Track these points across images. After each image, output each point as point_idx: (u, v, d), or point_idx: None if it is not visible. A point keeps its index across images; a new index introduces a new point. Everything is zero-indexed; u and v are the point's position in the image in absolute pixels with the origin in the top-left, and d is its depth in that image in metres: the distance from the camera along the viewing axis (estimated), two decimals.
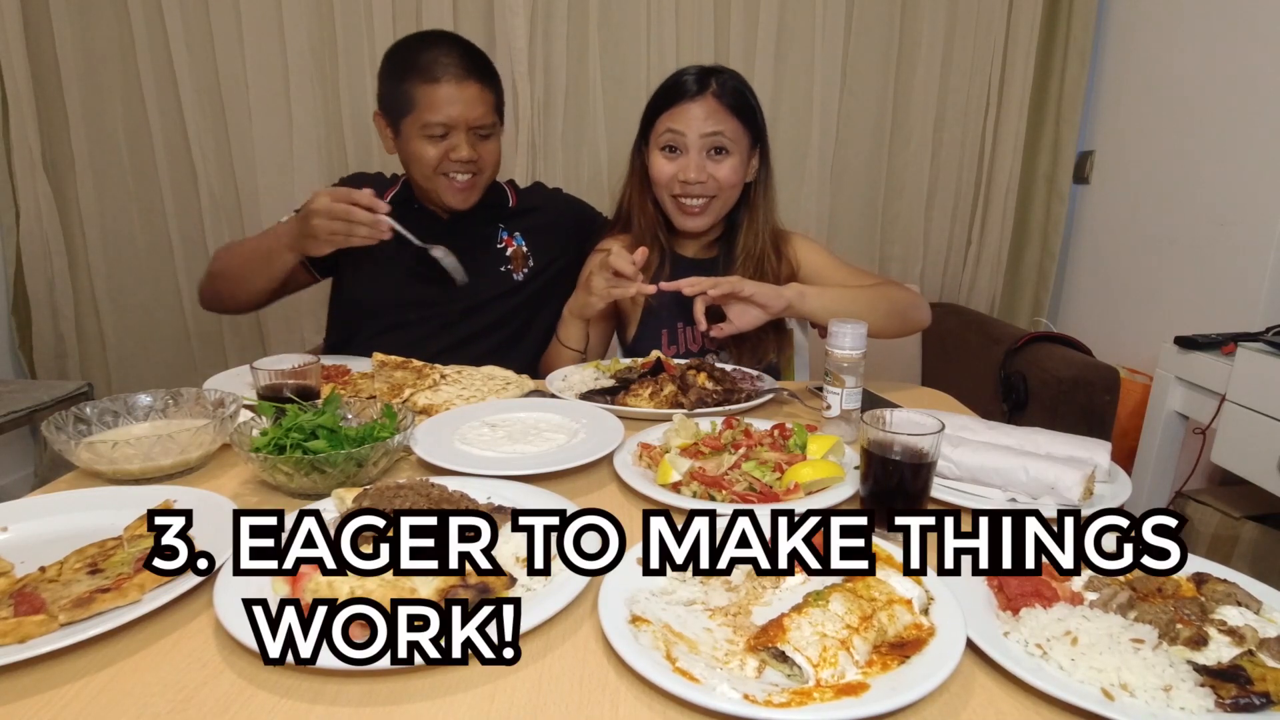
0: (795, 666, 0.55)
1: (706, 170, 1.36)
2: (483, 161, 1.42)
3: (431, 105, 1.35)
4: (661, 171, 1.38)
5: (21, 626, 0.57)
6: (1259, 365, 1.49)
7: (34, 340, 2.25)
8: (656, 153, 1.39)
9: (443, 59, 1.36)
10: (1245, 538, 1.66)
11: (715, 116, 1.34)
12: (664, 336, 1.47)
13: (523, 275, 1.53)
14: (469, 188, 1.44)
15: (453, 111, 1.36)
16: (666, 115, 1.36)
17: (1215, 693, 0.53)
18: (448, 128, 1.37)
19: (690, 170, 1.35)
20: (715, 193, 1.38)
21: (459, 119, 1.36)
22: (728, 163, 1.37)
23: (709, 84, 1.35)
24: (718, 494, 0.85)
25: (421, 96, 1.36)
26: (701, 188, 1.36)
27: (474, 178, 1.43)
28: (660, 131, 1.37)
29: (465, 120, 1.37)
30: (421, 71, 1.36)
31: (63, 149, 2.17)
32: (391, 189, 1.54)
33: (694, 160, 1.35)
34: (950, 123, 2.42)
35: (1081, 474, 0.82)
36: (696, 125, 1.34)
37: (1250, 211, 1.87)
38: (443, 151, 1.38)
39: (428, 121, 1.36)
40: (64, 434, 0.91)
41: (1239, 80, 1.91)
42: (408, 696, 0.55)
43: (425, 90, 1.35)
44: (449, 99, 1.35)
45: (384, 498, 0.74)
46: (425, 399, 1.16)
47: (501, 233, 1.55)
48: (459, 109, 1.36)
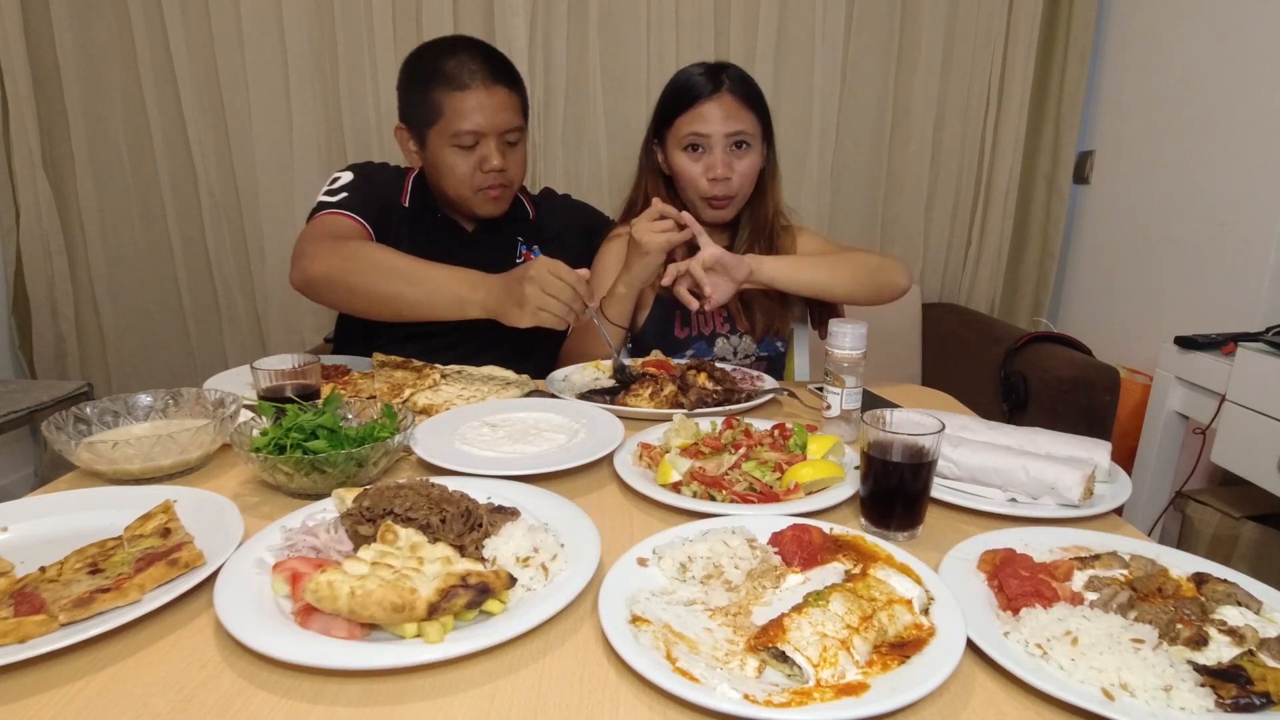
0: (795, 666, 0.55)
1: (732, 166, 1.38)
2: (512, 170, 1.40)
3: (460, 113, 1.32)
4: (688, 171, 1.40)
5: (21, 626, 0.57)
6: (1259, 365, 1.49)
7: (34, 340, 2.25)
8: (680, 153, 1.40)
9: (469, 65, 1.33)
10: (1245, 538, 1.66)
11: (735, 113, 1.37)
12: (676, 318, 1.48)
13: None
14: (501, 197, 1.42)
15: (482, 119, 1.33)
16: (687, 116, 1.38)
17: (1215, 693, 0.53)
18: (478, 136, 1.34)
19: (718, 168, 1.37)
20: (740, 188, 1.41)
21: (489, 126, 1.34)
22: (749, 157, 1.40)
23: (723, 80, 1.37)
24: (718, 494, 0.85)
25: (449, 104, 1.32)
26: (728, 185, 1.39)
27: (505, 188, 1.41)
28: (682, 133, 1.39)
29: (495, 127, 1.34)
30: (448, 79, 1.32)
31: (63, 149, 2.17)
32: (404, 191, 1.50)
33: (720, 158, 1.37)
34: (950, 123, 2.41)
35: (1081, 474, 0.82)
36: (719, 125, 1.36)
37: (1250, 211, 1.87)
38: (474, 163, 1.36)
39: (458, 130, 1.33)
40: (64, 434, 0.91)
41: (1239, 80, 1.91)
42: (408, 696, 0.55)
43: (453, 98, 1.32)
44: (478, 106, 1.32)
45: (384, 498, 0.73)
46: (425, 399, 1.16)
47: (521, 246, 1.54)
48: (489, 116, 1.33)
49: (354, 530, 0.71)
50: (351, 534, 0.71)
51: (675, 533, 0.75)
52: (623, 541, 0.75)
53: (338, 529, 0.73)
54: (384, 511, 0.72)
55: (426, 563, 0.64)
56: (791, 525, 0.74)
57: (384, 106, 2.19)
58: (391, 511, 0.71)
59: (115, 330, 2.31)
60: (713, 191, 1.39)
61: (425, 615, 0.58)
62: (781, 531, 0.74)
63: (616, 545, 0.74)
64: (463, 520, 0.72)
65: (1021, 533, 0.77)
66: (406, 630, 0.59)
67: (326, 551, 0.70)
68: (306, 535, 0.72)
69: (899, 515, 0.78)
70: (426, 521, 0.71)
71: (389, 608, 0.58)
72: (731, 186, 1.40)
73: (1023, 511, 0.82)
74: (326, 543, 0.71)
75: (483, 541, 0.71)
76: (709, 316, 1.48)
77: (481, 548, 0.70)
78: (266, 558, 0.70)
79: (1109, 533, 0.78)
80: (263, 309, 2.33)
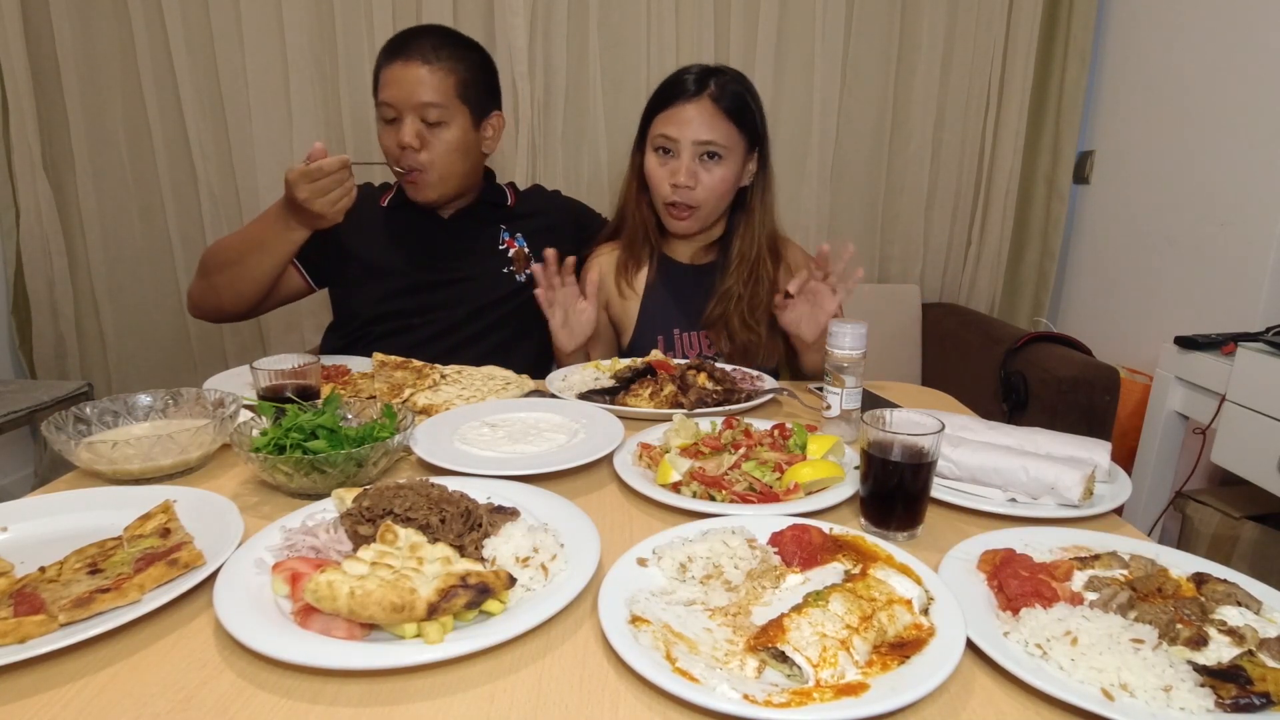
0: (795, 667, 0.55)
1: (697, 175, 1.34)
2: (432, 153, 1.36)
3: (383, 85, 1.33)
4: (653, 173, 1.37)
5: (21, 626, 0.57)
6: (1259, 365, 1.49)
7: (34, 340, 2.25)
8: (650, 154, 1.38)
9: (411, 41, 1.33)
10: (1245, 538, 1.66)
11: (709, 122, 1.32)
12: (660, 342, 1.47)
13: (525, 276, 1.53)
14: (416, 182, 1.38)
15: (396, 92, 1.32)
16: (661, 117, 1.35)
17: (1215, 693, 0.53)
18: (396, 110, 1.33)
19: (681, 174, 1.33)
20: (704, 201, 1.36)
21: (404, 100, 1.32)
22: (718, 170, 1.35)
23: (707, 85, 1.32)
24: (718, 494, 0.85)
25: (381, 78, 1.34)
26: (689, 193, 1.35)
27: (419, 172, 1.37)
28: (654, 133, 1.36)
29: (410, 102, 1.32)
30: (386, 51, 1.34)
31: (63, 149, 2.17)
32: (387, 194, 1.53)
33: (685, 164, 1.33)
34: (950, 123, 2.41)
35: (1081, 474, 0.82)
36: (689, 130, 1.32)
37: (1250, 211, 1.87)
38: (393, 139, 1.35)
39: (379, 101, 1.34)
40: (64, 434, 0.91)
41: (1239, 80, 1.91)
42: (408, 696, 0.55)
43: (382, 72, 1.34)
44: (397, 79, 1.32)
45: (384, 498, 0.74)
46: (425, 399, 1.16)
47: (504, 234, 1.54)
48: (404, 90, 1.32)
49: (354, 530, 0.71)
50: (351, 534, 0.71)
51: (675, 533, 0.75)
52: (623, 541, 0.75)
53: (337, 529, 0.73)
54: (384, 511, 0.72)
55: (426, 563, 0.64)
56: (791, 525, 0.74)
57: None
58: (391, 511, 0.71)
59: (115, 330, 2.31)
60: (672, 198, 1.36)
61: (425, 615, 0.58)
62: (781, 531, 0.74)
63: (616, 545, 0.74)
64: (462, 520, 0.72)
65: (1021, 533, 0.77)
66: (406, 630, 0.59)
67: (326, 551, 0.70)
68: (306, 535, 0.72)
69: (899, 515, 0.78)
70: (426, 521, 0.71)
71: (389, 608, 0.58)
72: (694, 197, 1.35)
73: (1023, 511, 0.82)
74: (326, 543, 0.71)
75: (482, 541, 0.71)
76: (692, 339, 1.46)
77: (481, 548, 0.70)
78: (266, 558, 0.70)
79: (1109, 533, 0.78)
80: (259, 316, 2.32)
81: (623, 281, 1.48)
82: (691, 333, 1.47)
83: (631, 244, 1.46)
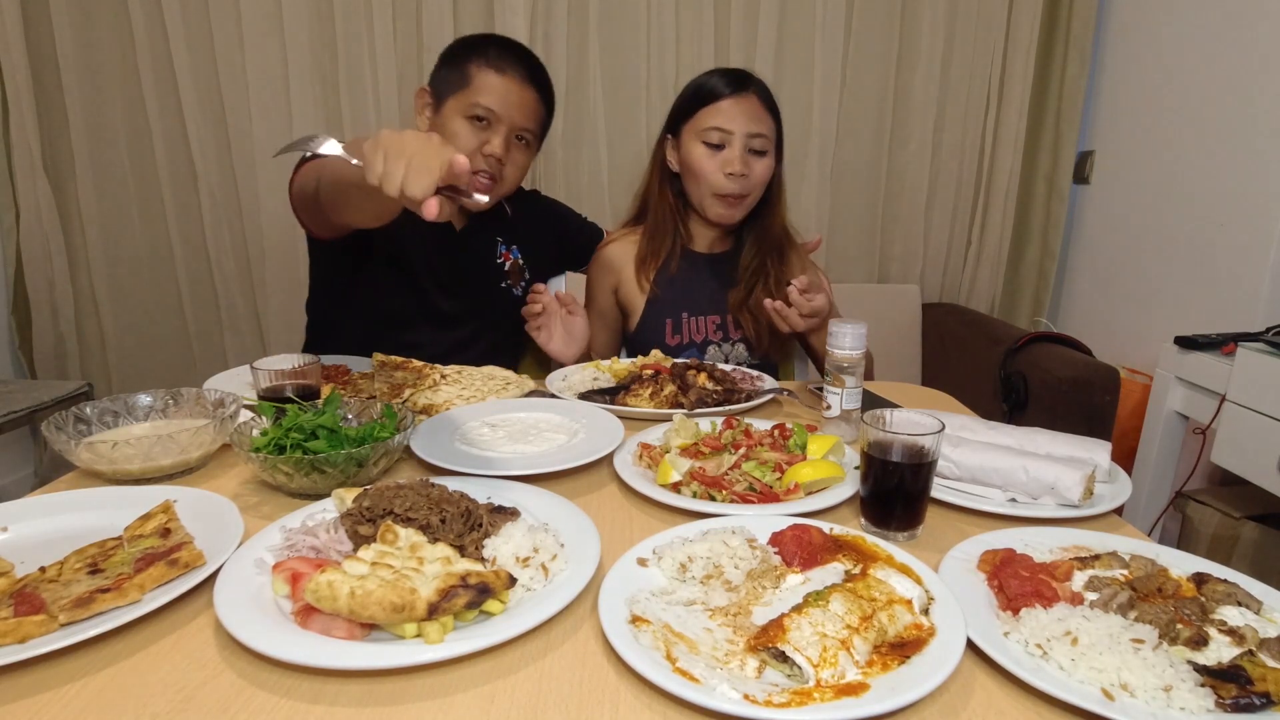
0: (795, 667, 0.55)
1: (750, 165, 1.39)
2: (509, 169, 1.39)
3: (485, 88, 1.33)
4: (703, 165, 1.39)
5: (21, 626, 0.57)
6: (1259, 365, 1.49)
7: (34, 340, 2.25)
8: (698, 146, 1.40)
9: (514, 59, 1.35)
10: (1245, 538, 1.66)
11: (759, 115, 1.38)
12: (668, 325, 1.48)
13: (520, 290, 1.53)
14: (488, 190, 1.39)
15: (503, 103, 1.33)
16: (710, 110, 1.38)
17: (1215, 693, 0.53)
18: (492, 118, 1.34)
19: (736, 164, 1.37)
20: (752, 189, 1.42)
21: (505, 112, 1.34)
22: (764, 162, 1.41)
23: (752, 82, 1.39)
24: (718, 494, 0.85)
25: (480, 78, 1.33)
26: (744, 182, 1.39)
27: (495, 181, 1.39)
28: (703, 126, 1.39)
29: (512, 117, 1.35)
30: (488, 58, 1.34)
31: (63, 149, 2.17)
32: None
33: (739, 154, 1.37)
34: (950, 123, 2.42)
35: (1081, 474, 0.82)
36: (743, 123, 1.37)
37: (1250, 211, 1.87)
38: (478, 143, 1.34)
39: (476, 102, 1.33)
40: (64, 434, 0.91)
41: (1239, 80, 1.91)
42: (408, 696, 0.55)
43: (486, 74, 1.33)
44: (505, 91, 1.33)
45: (384, 498, 0.73)
46: (425, 399, 1.16)
47: (500, 246, 1.53)
48: (511, 103, 1.34)
49: (354, 530, 0.71)
50: (351, 534, 0.71)
51: (675, 533, 0.75)
52: (623, 541, 0.75)
53: (338, 529, 0.73)
54: (384, 511, 0.72)
55: (426, 563, 0.64)
56: (791, 525, 0.74)
57: (384, 106, 2.19)
58: (391, 511, 0.71)
59: (115, 330, 2.31)
60: (728, 187, 1.39)
61: (425, 615, 0.58)
62: (781, 531, 0.74)
63: (616, 545, 0.74)
64: (463, 520, 0.72)
65: (1021, 533, 0.77)
66: (406, 630, 0.59)
67: (326, 551, 0.70)
68: (306, 535, 0.72)
69: (899, 515, 0.78)
70: (426, 521, 0.71)
71: (389, 608, 0.58)
72: (747, 184, 1.40)
73: (1023, 511, 0.82)
74: (326, 543, 0.71)
75: (483, 541, 0.71)
76: (701, 323, 1.48)
77: (481, 548, 0.70)
78: (266, 558, 0.69)
79: (1109, 533, 0.78)
80: (263, 309, 2.33)
81: (638, 269, 1.50)
82: (699, 317, 1.48)
83: (654, 236, 1.49)
